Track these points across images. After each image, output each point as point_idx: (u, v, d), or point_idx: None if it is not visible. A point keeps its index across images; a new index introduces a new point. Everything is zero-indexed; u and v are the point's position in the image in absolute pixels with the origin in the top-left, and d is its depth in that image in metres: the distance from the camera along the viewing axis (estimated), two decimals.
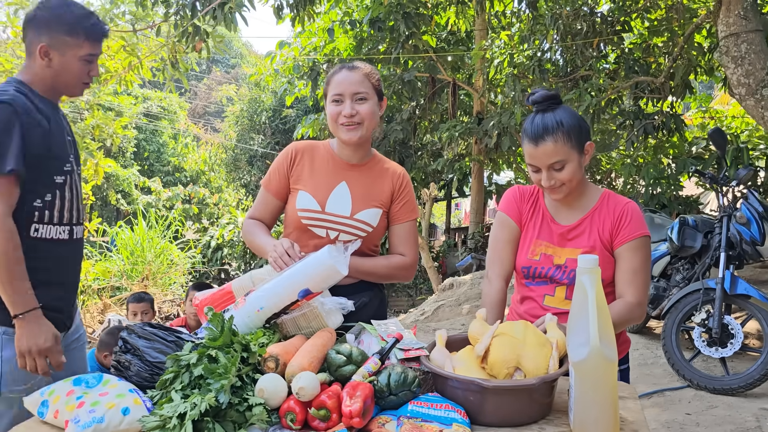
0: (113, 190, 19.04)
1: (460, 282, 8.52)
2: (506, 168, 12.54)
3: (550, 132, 1.76)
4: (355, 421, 1.25)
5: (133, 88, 14.40)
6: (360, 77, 1.99)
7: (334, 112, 1.98)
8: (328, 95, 2.02)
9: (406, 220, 2.11)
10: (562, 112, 1.79)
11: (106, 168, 7.07)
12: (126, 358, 1.45)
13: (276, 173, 2.08)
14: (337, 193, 2.02)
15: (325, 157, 2.08)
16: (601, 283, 1.34)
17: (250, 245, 2.05)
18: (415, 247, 2.13)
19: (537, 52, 8.08)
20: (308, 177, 2.04)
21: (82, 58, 1.99)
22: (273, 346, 1.43)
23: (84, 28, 1.97)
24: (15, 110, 1.85)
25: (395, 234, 2.12)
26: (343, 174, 2.05)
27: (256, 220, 2.09)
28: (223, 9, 5.76)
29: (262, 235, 2.02)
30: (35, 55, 1.96)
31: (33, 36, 1.96)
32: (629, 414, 1.45)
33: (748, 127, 8.82)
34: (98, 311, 10.24)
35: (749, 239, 4.24)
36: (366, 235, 2.02)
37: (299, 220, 2.00)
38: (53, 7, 1.97)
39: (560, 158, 1.77)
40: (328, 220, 1.99)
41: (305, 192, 2.01)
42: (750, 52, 5.00)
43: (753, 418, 3.61)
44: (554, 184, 1.80)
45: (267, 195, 2.09)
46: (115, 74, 6.75)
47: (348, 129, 1.97)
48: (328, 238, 2.00)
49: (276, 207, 2.10)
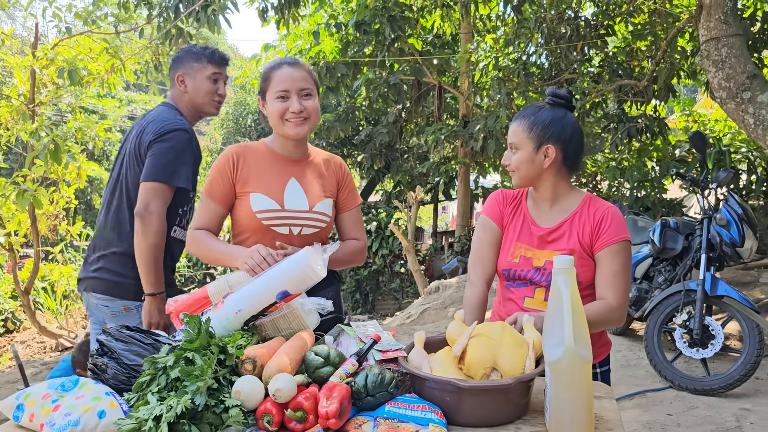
0: (97, 194, 18.87)
1: (446, 285, 8.54)
2: (492, 171, 12.60)
3: (523, 115, 1.88)
4: (332, 422, 1.25)
5: (116, 91, 14.30)
6: (305, 73, 2.00)
7: (280, 109, 1.97)
8: (270, 91, 2.00)
9: (353, 206, 2.19)
10: (554, 110, 1.86)
11: (90, 171, 6.99)
12: (102, 361, 1.44)
13: (219, 180, 2.02)
14: (291, 190, 2.02)
15: (267, 156, 2.06)
16: (576, 283, 1.35)
17: (205, 256, 2.00)
18: (364, 230, 2.26)
19: (522, 55, 8.14)
20: (256, 178, 2.01)
21: (208, 78, 2.52)
22: (251, 348, 1.43)
23: (205, 54, 2.52)
24: (190, 136, 2.41)
25: (346, 221, 2.18)
26: (290, 170, 2.05)
27: (204, 230, 2.03)
28: (206, 11, 5.74)
29: (221, 244, 1.99)
30: (176, 84, 2.53)
31: (173, 72, 2.55)
32: (605, 413, 1.46)
33: (730, 130, 8.92)
34: (81, 316, 10.13)
35: (729, 241, 4.29)
36: (325, 225, 2.07)
37: (259, 222, 1.97)
38: (184, 49, 2.59)
39: (513, 140, 1.88)
40: (289, 216, 1.99)
41: (259, 194, 1.99)
42: (730, 56, 5.07)
43: (733, 419, 3.65)
44: (509, 165, 1.91)
45: (211, 203, 2.03)
46: (97, 76, 6.70)
47: (296, 125, 1.98)
48: (291, 234, 2.00)
49: (221, 215, 2.05)
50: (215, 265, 2.16)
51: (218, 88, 2.55)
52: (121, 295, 2.40)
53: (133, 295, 2.39)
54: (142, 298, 2.34)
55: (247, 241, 2.01)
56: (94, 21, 6.77)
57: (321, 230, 2.06)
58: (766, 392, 4.04)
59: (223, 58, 2.57)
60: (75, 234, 11.70)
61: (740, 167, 7.63)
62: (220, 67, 2.56)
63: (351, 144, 13.78)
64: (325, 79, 9.68)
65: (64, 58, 6.50)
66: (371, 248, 12.02)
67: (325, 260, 1.69)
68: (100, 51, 6.95)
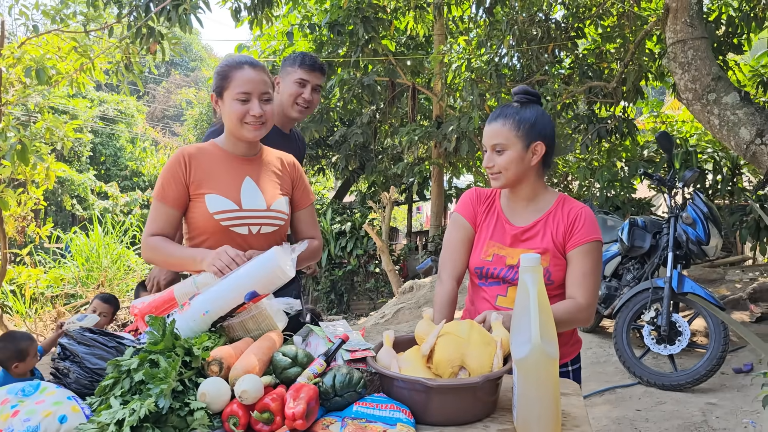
0: (68, 195, 18.52)
1: (420, 285, 8.56)
2: (466, 172, 12.67)
3: (503, 115, 1.85)
4: (299, 423, 1.24)
5: (86, 91, 14.06)
6: (265, 77, 1.99)
7: (240, 111, 1.94)
8: (230, 91, 1.96)
9: (308, 204, 2.18)
10: (531, 108, 1.86)
11: (59, 172, 6.87)
12: (64, 365, 1.42)
13: (171, 183, 1.96)
14: (247, 189, 2.00)
15: (219, 157, 2.03)
16: (543, 281, 1.37)
17: (165, 262, 1.96)
18: (319, 228, 2.25)
19: (494, 57, 8.20)
20: (210, 179, 1.97)
21: (295, 81, 2.57)
22: (217, 350, 1.41)
23: (298, 59, 2.59)
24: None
25: (301, 219, 2.17)
26: (243, 169, 2.03)
27: (160, 236, 1.96)
28: (177, 10, 5.67)
29: (181, 248, 1.95)
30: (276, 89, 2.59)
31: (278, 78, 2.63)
32: (572, 410, 1.48)
33: (697, 131, 9.10)
34: (51, 319, 9.93)
35: (695, 239, 4.38)
36: (283, 223, 2.05)
37: (216, 223, 1.94)
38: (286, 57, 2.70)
39: (501, 141, 1.84)
40: (247, 216, 1.97)
41: (215, 194, 1.95)
42: (696, 58, 5.17)
43: (699, 413, 3.73)
44: (492, 168, 1.86)
45: (164, 207, 1.97)
46: (66, 76, 6.58)
47: (254, 128, 1.96)
48: (250, 234, 1.98)
49: (176, 218, 1.99)
50: (176, 270, 2.10)
51: (303, 92, 2.58)
52: None
53: None
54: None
55: (204, 244, 1.97)
56: (62, 19, 6.64)
57: (279, 228, 2.05)
58: (731, 387, 4.13)
59: (315, 65, 2.60)
60: (44, 236, 11.48)
61: (706, 167, 7.79)
62: (310, 73, 2.59)
63: (325, 145, 13.73)
64: None
65: (32, 57, 6.37)
66: (346, 248, 11.99)
67: (293, 260, 1.69)
68: (69, 50, 6.83)
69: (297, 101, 2.58)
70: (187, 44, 34.23)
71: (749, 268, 7.79)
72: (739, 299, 5.60)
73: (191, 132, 18.61)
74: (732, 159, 7.75)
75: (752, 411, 3.65)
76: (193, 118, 18.67)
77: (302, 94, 2.58)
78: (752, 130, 4.97)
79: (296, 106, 2.59)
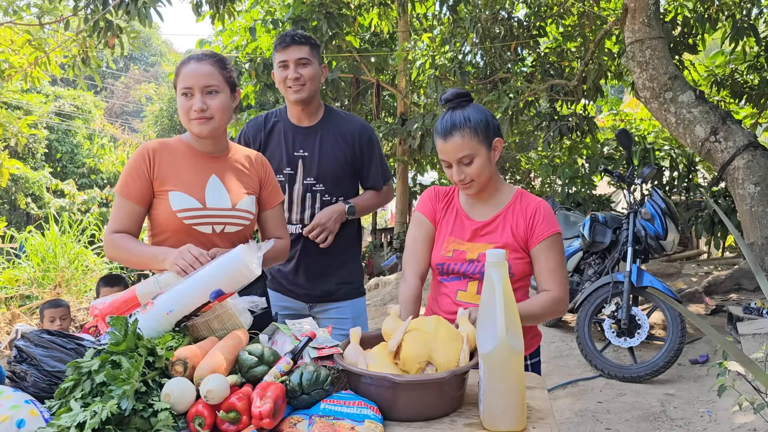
0: (22, 194, 17.97)
1: (386, 282, 8.59)
2: (430, 169, 12.75)
3: (458, 127, 1.83)
4: (266, 422, 1.23)
5: (41, 86, 13.67)
6: (209, 69, 1.92)
7: (185, 106, 1.91)
8: (178, 87, 1.94)
9: (276, 204, 2.15)
10: (470, 109, 1.86)
11: (13, 170, 6.67)
12: (21, 368, 1.37)
13: (135, 179, 1.91)
14: (212, 187, 1.96)
15: (185, 153, 1.99)
16: (508, 276, 1.38)
17: (128, 260, 1.91)
18: (287, 228, 2.24)
19: (458, 54, 8.26)
20: (175, 176, 1.93)
21: (277, 68, 2.52)
22: (182, 349, 1.39)
23: (278, 43, 2.50)
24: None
25: (269, 219, 2.14)
26: (210, 167, 1.99)
27: (123, 234, 1.91)
28: (136, 3, 5.55)
29: (144, 246, 1.90)
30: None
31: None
32: (537, 403, 1.50)
33: (654, 129, 9.34)
34: (6, 321, 9.63)
35: (653, 234, 4.49)
36: (249, 223, 2.03)
37: (180, 221, 1.90)
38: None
39: (467, 152, 1.83)
40: (211, 215, 1.94)
41: (178, 192, 1.91)
42: (654, 57, 5.30)
43: (658, 403, 3.83)
44: (464, 179, 1.86)
45: (128, 203, 1.92)
46: (19, 70, 6.37)
47: (199, 123, 1.91)
48: (214, 233, 1.95)
49: (140, 215, 1.94)
50: (139, 269, 2.04)
51: (287, 74, 2.48)
52: None
53: None
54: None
55: (166, 242, 1.93)
56: (15, 11, 6.43)
57: (244, 228, 2.01)
58: (688, 378, 4.25)
59: (285, 40, 2.47)
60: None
61: (663, 164, 8.01)
62: (285, 51, 2.47)
63: None
64: (263, 76, 9.53)
65: None
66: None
67: (259, 258, 1.67)
68: (23, 43, 6.62)
69: (287, 85, 2.49)
70: (146, 38, 33.53)
71: (704, 262, 8.05)
72: (695, 292, 5.76)
73: (151, 128, 18.26)
74: (688, 156, 7.98)
75: (708, 401, 3.77)
76: (153, 114, 18.29)
77: (287, 75, 2.47)
78: (707, 128, 5.12)
79: (289, 90, 2.49)
